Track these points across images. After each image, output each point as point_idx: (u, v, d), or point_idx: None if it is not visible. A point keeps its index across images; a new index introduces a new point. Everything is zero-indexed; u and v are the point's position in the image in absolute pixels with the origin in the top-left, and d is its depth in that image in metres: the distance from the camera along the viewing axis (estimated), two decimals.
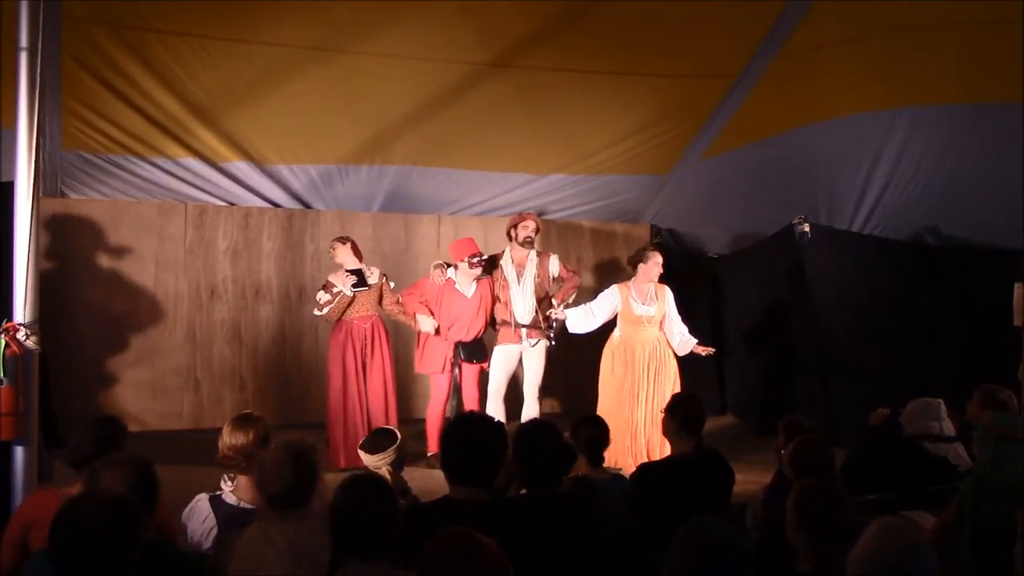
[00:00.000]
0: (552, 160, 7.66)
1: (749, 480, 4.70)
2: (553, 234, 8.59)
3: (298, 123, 6.71)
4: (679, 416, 3.93)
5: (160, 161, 6.84)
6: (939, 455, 4.49)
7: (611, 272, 8.75)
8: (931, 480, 4.35)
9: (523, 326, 6.47)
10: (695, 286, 8.21)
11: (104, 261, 7.18)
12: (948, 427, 4.58)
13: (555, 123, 7.15)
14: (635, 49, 6.35)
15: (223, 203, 7.47)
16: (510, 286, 6.51)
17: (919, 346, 7.21)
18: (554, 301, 6.44)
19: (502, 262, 6.59)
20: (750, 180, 7.51)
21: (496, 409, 6.35)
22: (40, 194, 3.86)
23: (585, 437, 3.74)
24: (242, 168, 7.09)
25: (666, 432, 4.05)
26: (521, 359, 6.60)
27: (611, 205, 8.44)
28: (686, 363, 8.51)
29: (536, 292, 6.52)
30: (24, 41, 3.74)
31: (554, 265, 6.60)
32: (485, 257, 6.41)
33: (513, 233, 6.62)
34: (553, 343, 6.52)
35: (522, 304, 6.49)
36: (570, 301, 6.53)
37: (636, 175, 7.96)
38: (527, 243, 6.54)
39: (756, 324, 7.91)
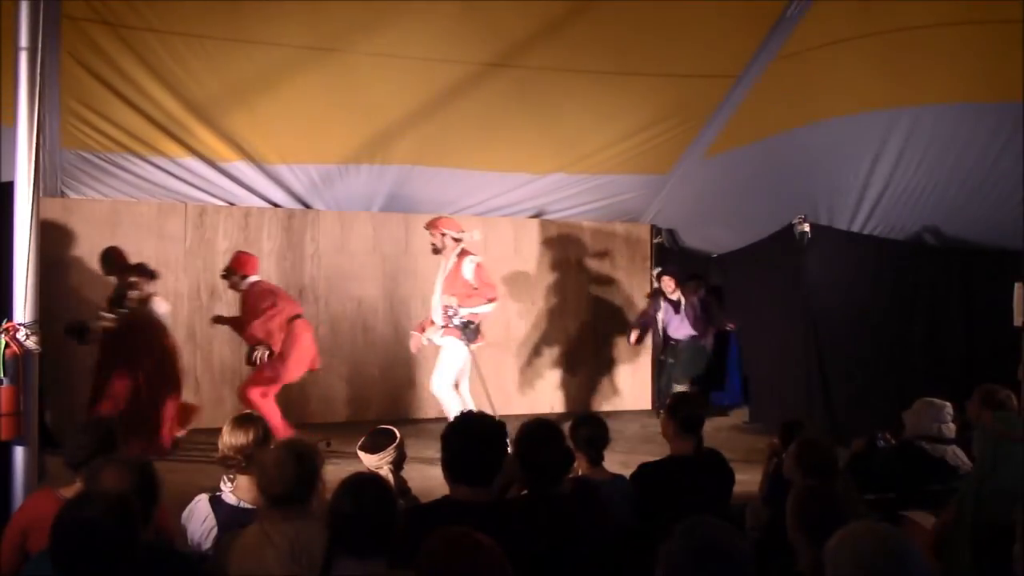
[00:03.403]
0: (552, 160, 7.66)
1: (749, 480, 4.69)
2: (553, 234, 8.61)
3: (298, 123, 6.71)
4: (679, 416, 3.92)
5: (160, 161, 6.84)
6: (937, 455, 4.49)
7: (611, 272, 8.77)
8: (930, 480, 4.35)
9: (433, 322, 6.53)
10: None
11: None
12: (949, 429, 4.57)
13: (555, 123, 7.15)
14: (636, 49, 6.35)
15: (223, 203, 7.48)
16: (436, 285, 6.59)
17: (919, 346, 7.23)
18: (452, 300, 6.38)
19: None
20: (750, 180, 7.52)
21: (447, 400, 6.41)
22: (40, 194, 3.85)
23: (584, 437, 3.73)
24: (242, 168, 7.09)
25: (665, 432, 4.05)
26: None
27: (611, 205, 8.44)
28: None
29: (444, 292, 6.45)
30: (24, 41, 3.74)
31: (467, 268, 6.44)
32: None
33: None
34: (466, 340, 6.37)
35: (435, 302, 6.52)
36: (477, 312, 6.41)
37: (636, 175, 7.96)
38: (434, 251, 6.56)
39: (756, 324, 7.91)
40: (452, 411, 6.27)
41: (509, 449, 3.01)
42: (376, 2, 5.71)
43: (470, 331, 6.36)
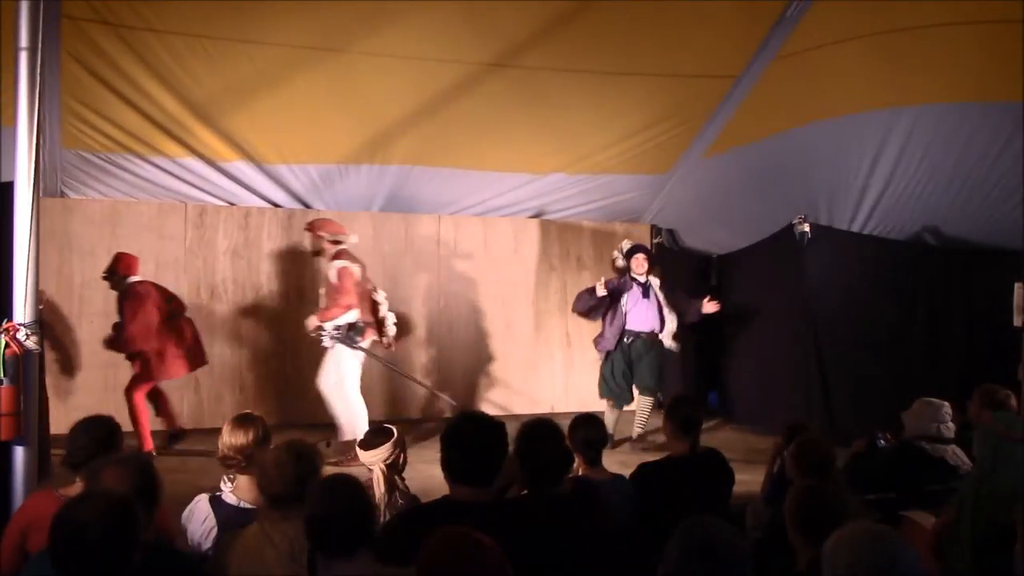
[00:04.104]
0: (552, 160, 7.66)
1: (749, 480, 4.69)
2: (553, 234, 8.61)
3: (298, 123, 6.71)
4: (677, 417, 3.93)
5: (160, 161, 6.84)
6: (937, 455, 4.50)
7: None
8: (930, 480, 4.35)
9: None
10: (695, 286, 8.21)
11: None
12: (948, 429, 4.58)
13: (555, 123, 7.15)
14: (635, 49, 6.35)
15: (223, 203, 7.48)
16: None
17: (919, 346, 7.22)
18: (313, 319, 6.37)
19: None
20: (750, 180, 7.51)
21: (331, 399, 6.40)
22: (40, 194, 3.85)
23: (582, 438, 3.73)
24: (242, 168, 7.09)
25: (664, 432, 4.06)
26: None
27: (611, 205, 8.45)
28: (684, 363, 8.51)
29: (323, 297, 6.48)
30: (24, 41, 3.74)
31: (332, 272, 6.40)
32: None
33: None
34: (349, 344, 6.33)
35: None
36: (340, 323, 6.31)
37: (636, 175, 7.96)
38: (313, 253, 6.53)
39: (756, 324, 7.91)
40: (339, 411, 6.32)
41: (510, 449, 3.01)
42: (376, 2, 5.71)
43: (351, 336, 6.32)
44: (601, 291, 6.84)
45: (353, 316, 6.35)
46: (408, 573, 2.37)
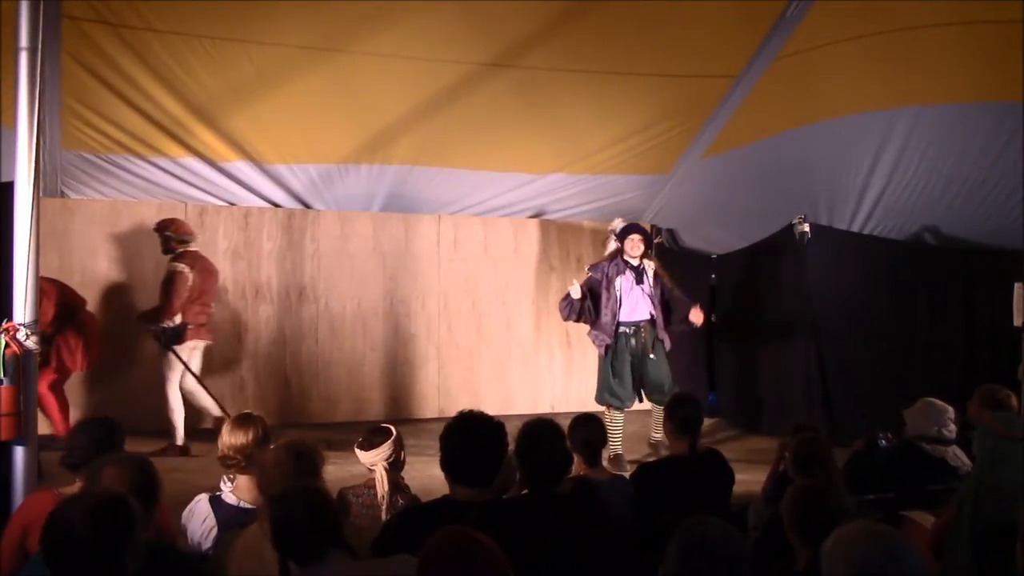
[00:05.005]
0: (552, 160, 7.66)
1: (749, 480, 4.70)
2: (553, 234, 8.61)
3: (298, 123, 6.71)
4: (677, 417, 3.94)
5: (160, 161, 6.84)
6: (938, 456, 4.49)
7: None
8: (930, 480, 4.35)
9: None
10: (694, 286, 8.21)
11: (104, 261, 7.19)
12: (950, 431, 4.57)
13: (555, 123, 7.15)
14: (635, 49, 6.35)
15: (223, 203, 7.48)
16: None
17: (919, 346, 7.22)
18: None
19: None
20: (750, 180, 7.51)
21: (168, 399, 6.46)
22: (40, 194, 3.85)
23: (581, 438, 3.74)
24: (242, 168, 7.09)
25: (665, 432, 4.07)
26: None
27: (611, 205, 8.44)
28: (681, 362, 8.53)
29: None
30: (24, 41, 3.74)
31: (167, 275, 6.46)
32: None
33: None
34: (163, 346, 6.40)
35: None
36: (167, 325, 6.34)
37: (636, 175, 7.96)
38: (163, 252, 6.53)
39: (756, 324, 7.91)
40: (174, 408, 6.37)
41: (510, 449, 3.01)
42: (376, 2, 5.71)
43: (166, 338, 6.33)
44: (576, 292, 6.36)
45: (177, 322, 6.37)
46: (385, 563, 2.38)
